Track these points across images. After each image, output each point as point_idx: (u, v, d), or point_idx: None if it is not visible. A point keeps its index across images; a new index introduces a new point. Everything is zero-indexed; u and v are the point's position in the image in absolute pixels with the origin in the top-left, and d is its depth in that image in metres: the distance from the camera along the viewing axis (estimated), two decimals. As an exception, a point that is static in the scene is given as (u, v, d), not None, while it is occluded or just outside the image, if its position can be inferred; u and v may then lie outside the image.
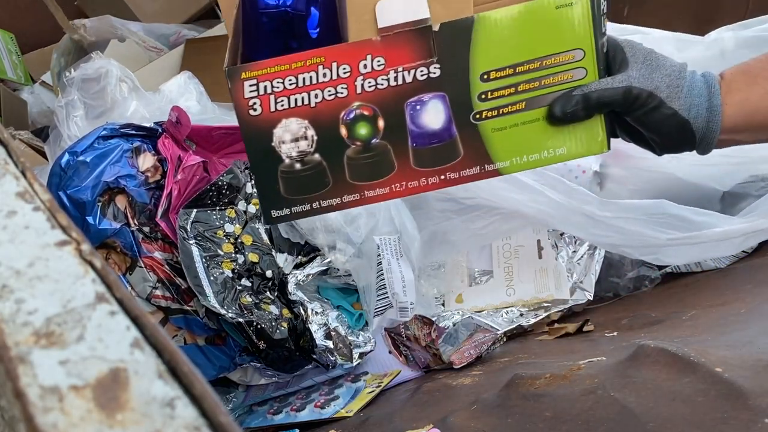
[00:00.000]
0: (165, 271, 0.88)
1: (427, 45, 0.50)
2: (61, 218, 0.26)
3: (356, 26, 0.70)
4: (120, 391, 0.20)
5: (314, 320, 0.88)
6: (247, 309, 0.86)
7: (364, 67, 0.50)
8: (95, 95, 1.10)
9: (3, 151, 0.31)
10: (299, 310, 0.88)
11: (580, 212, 0.89)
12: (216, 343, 0.91)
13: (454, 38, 0.50)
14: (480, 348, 0.88)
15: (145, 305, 0.87)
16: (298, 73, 0.50)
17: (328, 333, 0.88)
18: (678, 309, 0.85)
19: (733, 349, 0.61)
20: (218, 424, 0.19)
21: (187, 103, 1.17)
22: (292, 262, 0.92)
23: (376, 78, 0.50)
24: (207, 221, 0.89)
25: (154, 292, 0.87)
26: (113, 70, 1.12)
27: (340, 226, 0.92)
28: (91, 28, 1.53)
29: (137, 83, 1.15)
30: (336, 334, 0.88)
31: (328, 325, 0.88)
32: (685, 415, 0.53)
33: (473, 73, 0.51)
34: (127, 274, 0.87)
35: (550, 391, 0.66)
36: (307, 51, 0.50)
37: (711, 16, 1.19)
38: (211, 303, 0.83)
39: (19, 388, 0.19)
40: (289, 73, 0.50)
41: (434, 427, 0.68)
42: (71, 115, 1.09)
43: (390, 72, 0.50)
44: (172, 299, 0.88)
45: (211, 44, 1.52)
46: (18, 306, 0.22)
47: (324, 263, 0.93)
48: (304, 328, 0.86)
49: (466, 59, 0.50)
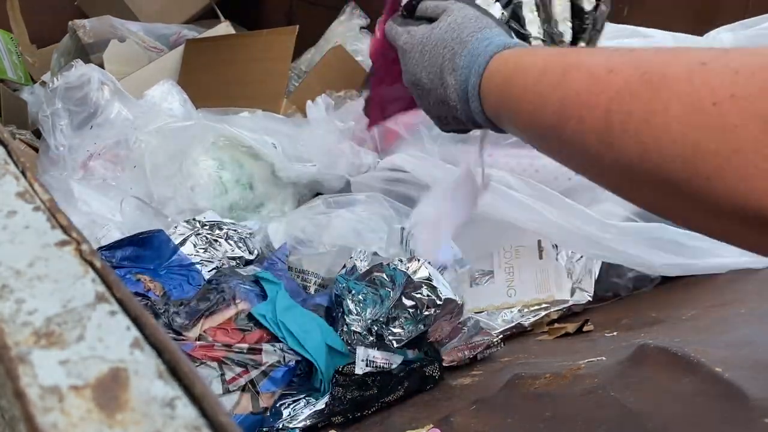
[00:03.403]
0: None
1: None
2: (61, 218, 0.26)
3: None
4: (120, 391, 0.20)
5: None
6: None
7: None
8: (79, 102, 1.11)
9: (3, 151, 0.32)
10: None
11: (579, 234, 0.90)
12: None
13: None
14: (474, 350, 0.88)
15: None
16: None
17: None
18: (678, 309, 0.85)
19: (733, 349, 0.61)
20: (218, 424, 0.19)
21: (171, 106, 1.18)
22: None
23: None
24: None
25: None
26: (95, 76, 1.12)
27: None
28: (91, 29, 1.53)
29: (119, 86, 1.16)
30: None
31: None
32: (685, 415, 0.53)
33: None
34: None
35: (550, 391, 0.66)
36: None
37: (711, 16, 1.19)
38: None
39: (19, 388, 0.19)
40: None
41: (434, 427, 0.68)
42: (57, 124, 1.10)
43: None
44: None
45: (211, 44, 1.53)
46: (18, 306, 0.22)
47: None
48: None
49: None
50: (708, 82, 0.31)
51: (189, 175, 1.09)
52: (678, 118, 0.32)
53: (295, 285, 0.93)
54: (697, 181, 0.31)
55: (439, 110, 0.53)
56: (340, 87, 1.47)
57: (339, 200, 1.05)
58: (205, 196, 1.09)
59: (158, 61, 1.52)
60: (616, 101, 0.35)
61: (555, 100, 0.40)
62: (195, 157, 1.10)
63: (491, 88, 0.47)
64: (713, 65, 0.32)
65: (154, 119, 1.13)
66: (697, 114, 0.31)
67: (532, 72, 0.43)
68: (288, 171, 1.11)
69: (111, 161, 1.11)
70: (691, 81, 0.32)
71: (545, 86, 0.41)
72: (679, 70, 0.33)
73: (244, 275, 0.87)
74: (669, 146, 0.32)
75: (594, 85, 0.37)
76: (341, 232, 0.96)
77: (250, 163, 1.13)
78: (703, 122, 0.31)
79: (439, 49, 0.51)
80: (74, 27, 1.53)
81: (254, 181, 1.13)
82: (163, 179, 1.09)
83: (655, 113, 0.33)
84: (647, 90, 0.34)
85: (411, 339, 0.80)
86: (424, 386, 0.81)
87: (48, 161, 1.11)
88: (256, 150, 1.11)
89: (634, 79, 0.35)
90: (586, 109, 0.37)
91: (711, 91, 0.31)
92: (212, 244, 0.96)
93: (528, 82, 0.43)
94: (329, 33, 1.71)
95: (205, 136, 1.11)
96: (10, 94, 1.57)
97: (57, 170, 1.10)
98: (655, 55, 0.36)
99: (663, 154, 0.33)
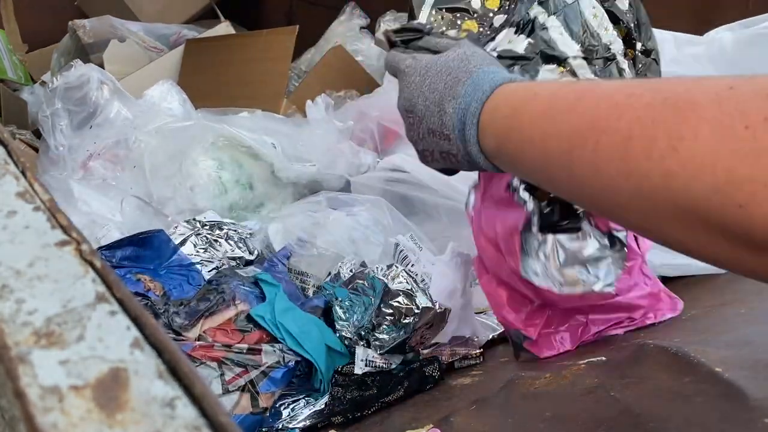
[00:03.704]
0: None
1: None
2: (61, 218, 0.26)
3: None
4: (120, 391, 0.20)
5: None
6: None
7: None
8: (78, 102, 1.11)
9: (3, 151, 0.32)
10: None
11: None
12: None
13: None
14: (453, 356, 0.87)
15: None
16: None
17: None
18: (678, 309, 0.85)
19: (733, 349, 0.61)
20: (218, 424, 0.19)
21: (170, 105, 1.18)
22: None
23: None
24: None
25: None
26: (94, 75, 1.13)
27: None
28: (91, 29, 1.54)
29: (118, 85, 1.16)
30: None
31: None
32: (685, 415, 0.53)
33: None
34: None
35: (550, 391, 0.66)
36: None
37: (711, 16, 1.19)
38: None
39: (19, 388, 0.19)
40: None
41: (434, 427, 0.68)
42: (57, 125, 1.10)
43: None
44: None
45: (211, 44, 1.53)
46: (18, 306, 0.22)
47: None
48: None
49: None
50: (738, 105, 0.30)
51: (188, 175, 1.09)
52: (708, 144, 0.30)
53: (294, 288, 0.93)
54: (729, 210, 0.29)
55: (429, 142, 0.50)
56: (340, 87, 1.47)
57: (341, 199, 1.05)
58: (205, 196, 1.09)
59: (158, 61, 1.52)
60: (638, 126, 0.33)
61: (568, 125, 0.38)
62: (194, 158, 1.10)
63: (496, 118, 0.45)
64: (742, 89, 0.30)
65: (153, 119, 1.13)
66: (730, 139, 0.29)
67: (543, 98, 0.41)
68: (287, 171, 1.11)
69: (111, 161, 1.11)
70: (720, 105, 0.30)
71: (558, 111, 0.39)
72: (705, 95, 0.31)
73: (244, 276, 0.87)
74: (698, 173, 0.30)
75: (612, 110, 0.35)
76: (337, 236, 0.96)
77: (249, 163, 1.13)
78: (736, 147, 0.29)
79: (443, 75, 0.48)
80: (74, 27, 1.53)
81: (254, 181, 1.13)
82: (162, 179, 1.10)
83: (683, 139, 0.31)
84: (673, 115, 0.32)
85: (396, 345, 0.80)
86: (424, 386, 0.81)
87: (48, 161, 1.11)
88: (255, 150, 1.11)
89: (657, 104, 0.33)
90: (604, 135, 0.35)
91: (742, 114, 0.29)
92: (212, 244, 0.96)
93: (538, 109, 0.41)
94: (329, 33, 1.71)
95: (205, 136, 1.11)
96: (10, 94, 1.57)
97: (57, 170, 1.10)
98: (675, 83, 0.34)
99: (691, 181, 0.31)
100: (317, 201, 1.05)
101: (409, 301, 0.80)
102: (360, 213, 1.01)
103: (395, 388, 0.79)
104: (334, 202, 1.04)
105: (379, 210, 1.02)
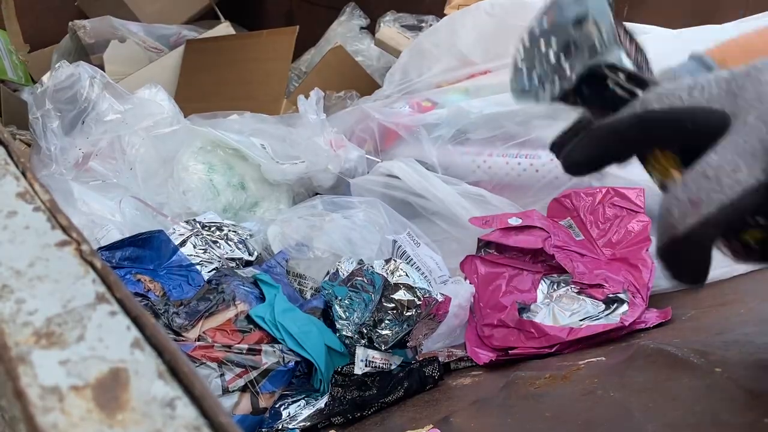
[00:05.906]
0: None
1: None
2: (62, 218, 0.26)
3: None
4: (120, 391, 0.20)
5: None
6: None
7: None
8: (69, 101, 1.11)
9: (3, 152, 0.32)
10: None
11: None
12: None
13: None
14: (449, 357, 0.87)
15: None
16: None
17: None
18: (678, 309, 0.85)
19: (733, 349, 0.61)
20: (218, 424, 0.19)
21: (160, 103, 1.18)
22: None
23: None
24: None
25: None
26: (84, 72, 1.13)
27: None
28: (92, 29, 1.54)
29: (108, 79, 1.16)
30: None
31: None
32: (685, 415, 0.53)
33: None
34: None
35: (550, 391, 0.66)
36: None
37: (710, 15, 1.19)
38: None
39: (20, 388, 0.19)
40: None
41: (434, 427, 0.68)
42: (48, 126, 1.10)
43: None
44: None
45: (212, 45, 1.53)
46: (18, 306, 0.22)
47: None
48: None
49: None
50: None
51: (180, 180, 1.09)
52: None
53: (293, 290, 0.93)
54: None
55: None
56: (340, 87, 1.47)
57: (336, 202, 1.05)
58: (198, 200, 1.09)
59: (158, 62, 1.52)
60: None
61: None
62: (184, 162, 1.10)
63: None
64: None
65: (143, 116, 1.13)
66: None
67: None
68: (274, 173, 1.11)
69: (108, 161, 1.11)
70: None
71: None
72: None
73: (244, 276, 0.87)
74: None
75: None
76: (333, 238, 0.96)
77: (240, 164, 1.13)
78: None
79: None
80: (74, 27, 1.54)
81: (246, 181, 1.13)
82: (155, 187, 1.10)
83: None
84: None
85: (398, 340, 0.80)
86: (424, 386, 0.81)
87: (40, 163, 1.11)
88: (243, 152, 1.11)
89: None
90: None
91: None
92: (212, 245, 0.96)
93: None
94: (329, 33, 1.71)
95: (192, 141, 1.12)
96: (10, 94, 1.57)
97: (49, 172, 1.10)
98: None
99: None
100: (313, 205, 1.05)
101: (410, 293, 0.80)
102: (356, 214, 1.00)
103: (395, 388, 0.79)
104: (331, 206, 1.03)
105: (374, 210, 1.02)
